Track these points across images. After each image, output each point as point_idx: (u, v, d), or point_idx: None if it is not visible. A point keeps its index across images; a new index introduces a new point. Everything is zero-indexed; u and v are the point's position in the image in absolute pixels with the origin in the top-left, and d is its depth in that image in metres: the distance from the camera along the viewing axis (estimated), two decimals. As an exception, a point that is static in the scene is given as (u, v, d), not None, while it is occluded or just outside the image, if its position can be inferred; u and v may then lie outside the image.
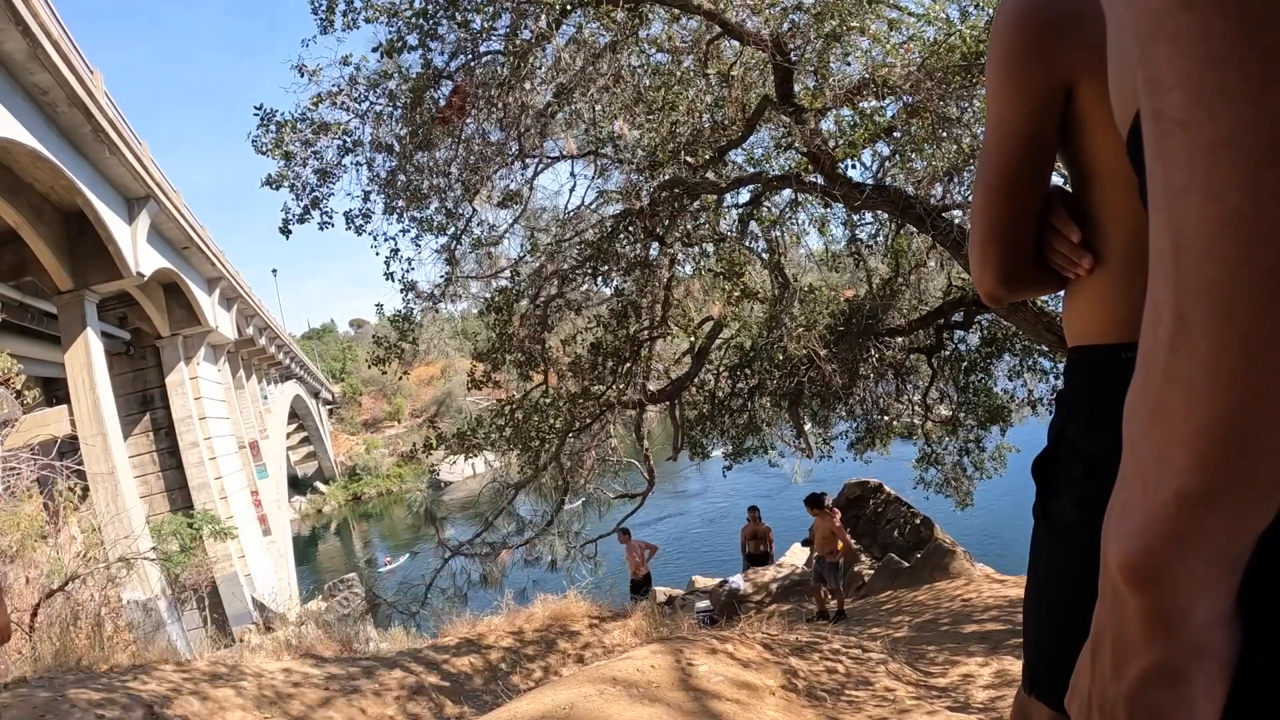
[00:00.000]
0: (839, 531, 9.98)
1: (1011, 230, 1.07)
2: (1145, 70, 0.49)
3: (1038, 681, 1.06)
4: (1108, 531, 0.56)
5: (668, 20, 8.22)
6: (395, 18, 7.51)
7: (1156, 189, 0.50)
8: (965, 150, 7.31)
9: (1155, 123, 0.49)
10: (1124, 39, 0.56)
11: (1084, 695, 0.63)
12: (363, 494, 60.59)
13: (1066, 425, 1.02)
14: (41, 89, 15.42)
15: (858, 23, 6.76)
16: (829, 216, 10.54)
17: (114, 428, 20.43)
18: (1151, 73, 0.49)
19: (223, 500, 26.19)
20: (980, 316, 10.24)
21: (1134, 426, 0.53)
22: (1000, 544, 20.54)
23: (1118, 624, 0.56)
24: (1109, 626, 0.58)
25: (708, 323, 10.32)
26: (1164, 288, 0.49)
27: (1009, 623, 7.70)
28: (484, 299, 10.13)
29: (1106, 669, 0.58)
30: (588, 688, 4.01)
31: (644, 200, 8.58)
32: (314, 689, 6.14)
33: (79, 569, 8.47)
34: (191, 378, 26.70)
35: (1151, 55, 0.48)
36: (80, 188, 17.94)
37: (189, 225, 24.46)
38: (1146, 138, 0.50)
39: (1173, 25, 0.47)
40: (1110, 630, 0.58)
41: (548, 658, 8.21)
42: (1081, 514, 0.97)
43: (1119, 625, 0.56)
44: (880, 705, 4.90)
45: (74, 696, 4.55)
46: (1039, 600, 1.07)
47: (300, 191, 8.34)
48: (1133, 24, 0.50)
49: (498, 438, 10.19)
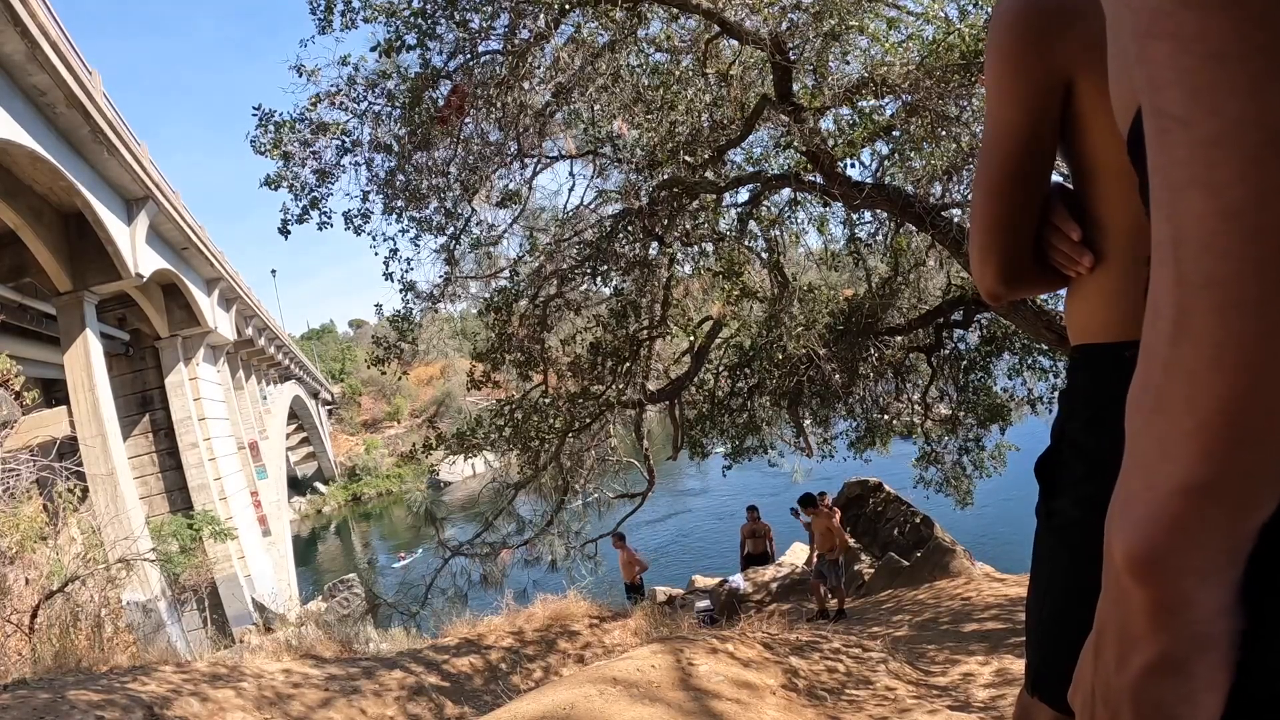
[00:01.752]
0: (835, 529, 10.00)
1: (1012, 228, 1.06)
2: (1145, 67, 0.49)
3: (1041, 682, 1.06)
4: (1111, 524, 0.56)
5: (666, 19, 8.21)
6: (394, 17, 7.50)
7: (1157, 185, 0.50)
8: (964, 149, 7.31)
9: (1155, 119, 0.49)
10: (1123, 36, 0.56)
11: (1087, 689, 0.63)
12: (362, 494, 60.59)
13: (1069, 424, 1.02)
14: (40, 90, 15.42)
15: (856, 21, 6.77)
16: (828, 215, 10.53)
17: (113, 429, 20.44)
18: (1151, 70, 0.49)
19: (222, 501, 26.19)
20: (980, 315, 10.24)
21: (1136, 419, 0.53)
22: (1000, 543, 20.53)
23: (1121, 616, 0.56)
24: (1112, 618, 0.58)
25: (707, 322, 10.32)
26: (1165, 282, 0.50)
27: (1009, 621, 7.71)
28: (483, 299, 10.13)
29: (1110, 661, 0.58)
30: (588, 688, 4.01)
31: (643, 200, 8.58)
32: (314, 690, 6.13)
33: (79, 570, 8.45)
34: (191, 378, 26.70)
35: (1151, 52, 0.48)
36: (79, 189, 17.94)
37: (188, 226, 24.46)
38: (1147, 134, 0.50)
39: (1172, 22, 0.47)
40: (1114, 622, 0.57)
41: (548, 658, 8.20)
42: (1083, 514, 0.97)
43: (1122, 617, 0.56)
44: (881, 704, 4.90)
45: (74, 698, 4.55)
46: (1042, 601, 1.06)
47: (299, 192, 8.33)
48: (1131, 21, 0.50)
49: (497, 438, 10.18)
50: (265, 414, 43.39)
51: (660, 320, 9.90)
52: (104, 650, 6.23)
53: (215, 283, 28.96)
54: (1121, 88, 0.64)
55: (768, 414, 11.83)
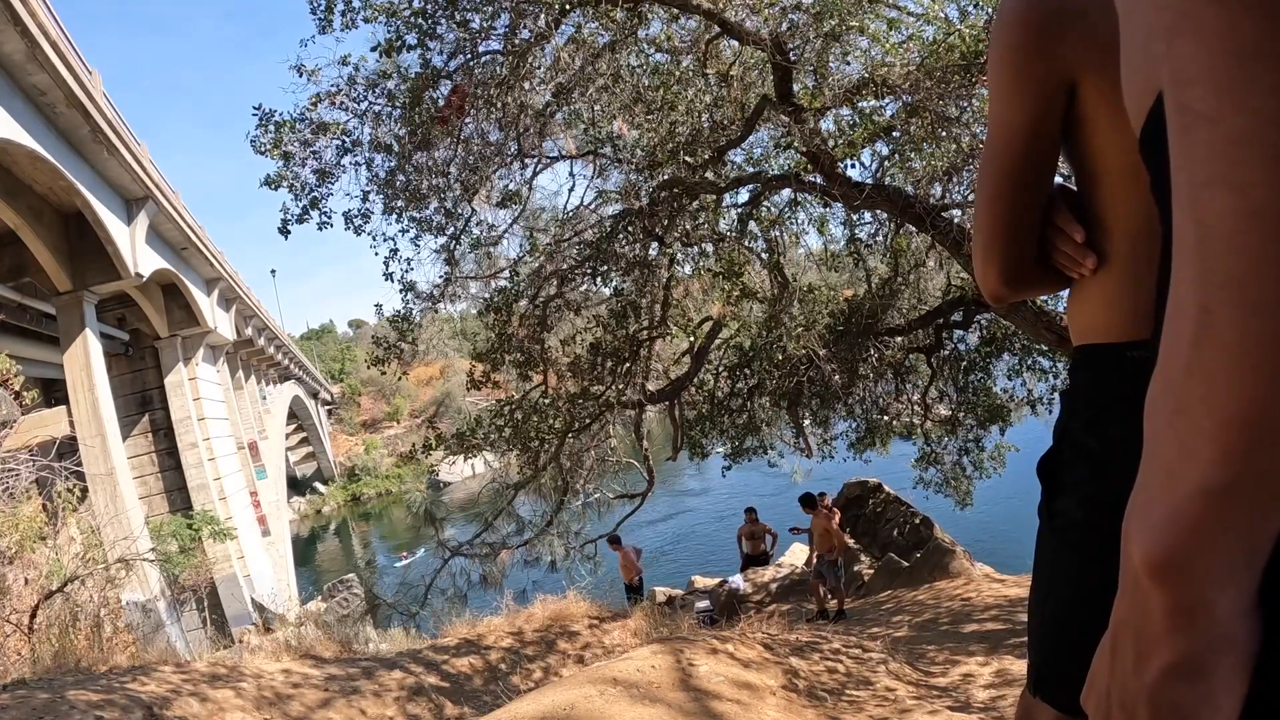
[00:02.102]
0: (834, 530, 10.00)
1: (1015, 230, 1.06)
2: (1170, 64, 0.49)
3: (1043, 683, 1.05)
4: (1129, 525, 0.55)
5: (667, 20, 8.21)
6: (394, 17, 7.50)
7: (1180, 183, 0.49)
8: (965, 149, 7.30)
9: (1179, 116, 0.49)
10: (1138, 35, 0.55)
11: (1102, 691, 0.63)
12: (362, 494, 60.62)
13: (1071, 424, 1.02)
14: (40, 90, 15.42)
15: (857, 22, 6.76)
16: (828, 216, 10.53)
17: (113, 429, 20.43)
18: (1176, 66, 0.49)
19: (222, 501, 26.19)
20: (979, 316, 10.24)
21: (1156, 420, 0.53)
22: (1000, 543, 20.54)
23: (1139, 618, 0.56)
24: (1130, 620, 0.57)
25: (707, 323, 10.32)
26: (1187, 281, 0.49)
27: (1009, 622, 7.70)
28: (483, 299, 10.12)
29: (1127, 663, 0.58)
30: (588, 688, 4.01)
31: (643, 200, 8.58)
32: (314, 690, 6.13)
33: (78, 570, 8.45)
34: (190, 378, 26.69)
35: (1177, 49, 0.48)
36: (79, 189, 17.93)
37: (188, 226, 24.46)
38: (1171, 132, 0.50)
39: (1198, 19, 0.47)
40: (1131, 624, 0.57)
41: (548, 658, 8.20)
42: (1086, 514, 0.97)
43: (1140, 619, 0.56)
44: (881, 705, 4.90)
45: (73, 698, 4.55)
46: (1045, 601, 1.06)
47: (299, 192, 8.33)
48: (1155, 18, 0.50)
49: (497, 438, 10.18)
50: (265, 414, 43.39)
51: (660, 321, 9.90)
52: (103, 650, 6.22)
53: (215, 283, 28.95)
54: (1135, 87, 0.64)
55: (767, 414, 11.84)
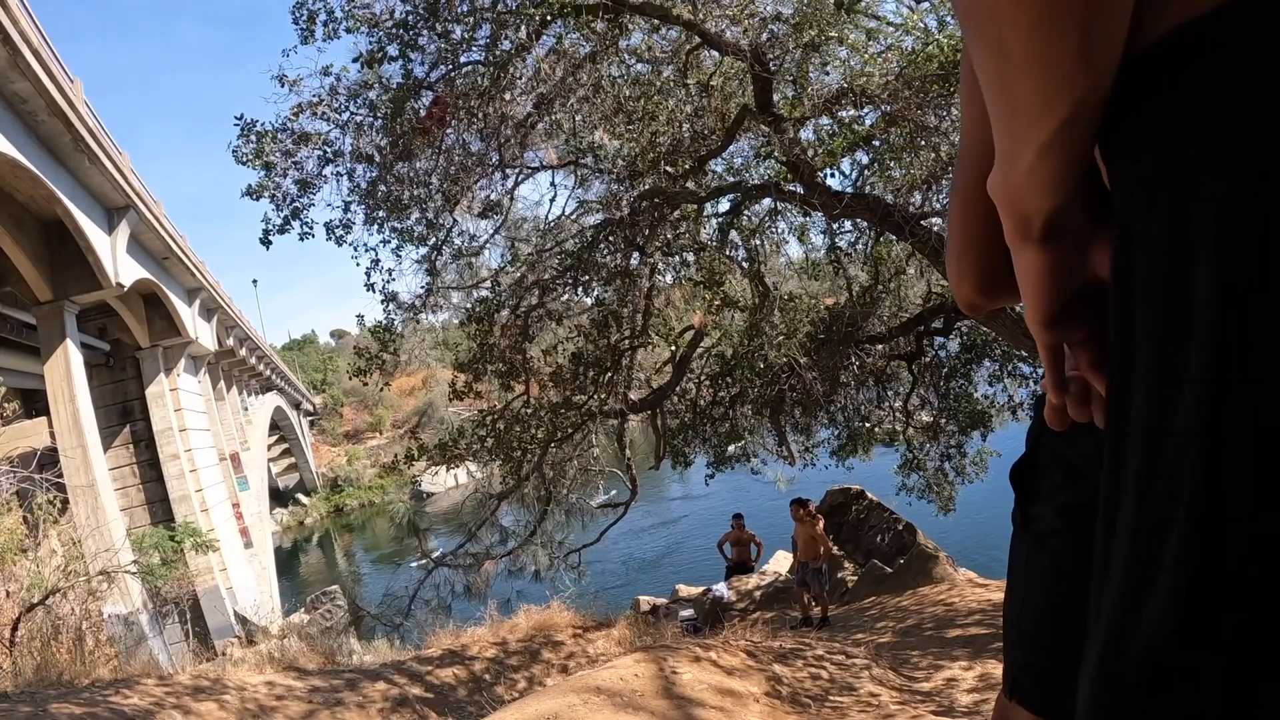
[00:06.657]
0: (820, 538, 10.02)
1: (988, 239, 1.07)
2: None
3: (1019, 687, 1.06)
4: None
5: (648, 30, 8.25)
6: (376, 28, 7.52)
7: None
8: (943, 158, 7.36)
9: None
10: None
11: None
12: (345, 505, 60.17)
13: (1045, 431, 1.03)
14: (21, 98, 15.31)
15: (836, 32, 6.82)
16: (809, 225, 10.58)
17: (94, 440, 20.24)
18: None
19: (204, 512, 25.96)
20: (960, 323, 10.31)
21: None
22: (982, 548, 20.58)
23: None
24: None
25: (689, 332, 10.36)
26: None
27: (992, 627, 7.74)
28: (465, 309, 10.10)
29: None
30: (571, 697, 4.02)
31: (624, 210, 8.60)
32: (297, 702, 6.11)
33: (59, 583, 8.40)
34: (172, 389, 26.48)
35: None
36: (60, 197, 17.80)
37: (169, 235, 24.30)
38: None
39: None
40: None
41: (532, 668, 8.19)
42: (1063, 521, 0.98)
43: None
44: (865, 711, 4.93)
45: (56, 711, 4.53)
46: (1019, 606, 1.07)
47: (281, 202, 8.32)
48: None
49: (480, 448, 10.17)
50: (247, 425, 43.10)
51: (642, 330, 9.92)
52: (85, 663, 6.19)
53: (196, 293, 28.76)
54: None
55: (750, 423, 11.86)
